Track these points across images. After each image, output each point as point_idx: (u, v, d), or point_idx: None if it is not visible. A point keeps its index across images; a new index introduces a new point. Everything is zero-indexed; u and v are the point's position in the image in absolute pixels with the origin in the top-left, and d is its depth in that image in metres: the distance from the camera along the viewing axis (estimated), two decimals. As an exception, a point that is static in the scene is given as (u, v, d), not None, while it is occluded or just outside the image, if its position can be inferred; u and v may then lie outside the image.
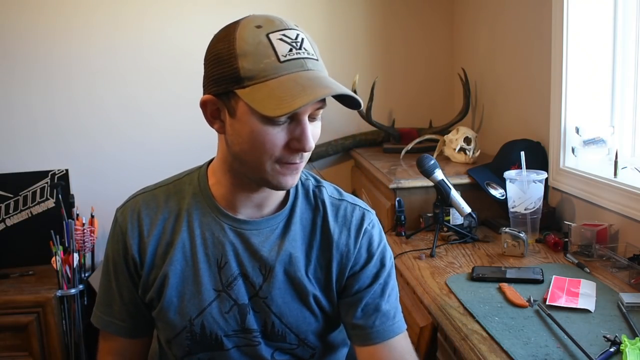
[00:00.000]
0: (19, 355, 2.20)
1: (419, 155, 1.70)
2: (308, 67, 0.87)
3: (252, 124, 0.87)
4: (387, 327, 1.01)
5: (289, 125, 0.88)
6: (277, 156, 0.89)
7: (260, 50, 0.85)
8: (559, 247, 1.57)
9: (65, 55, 2.50)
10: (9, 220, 2.42)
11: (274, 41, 0.86)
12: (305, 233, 1.02)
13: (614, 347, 1.00)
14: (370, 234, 1.04)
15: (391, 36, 2.70)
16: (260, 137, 0.88)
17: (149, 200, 1.03)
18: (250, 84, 0.85)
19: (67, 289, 2.21)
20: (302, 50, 0.87)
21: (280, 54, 0.85)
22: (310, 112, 0.89)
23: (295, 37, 0.88)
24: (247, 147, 0.90)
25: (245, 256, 0.99)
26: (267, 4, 2.57)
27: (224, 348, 1.01)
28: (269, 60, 0.85)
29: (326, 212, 1.03)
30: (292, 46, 0.87)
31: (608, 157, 1.71)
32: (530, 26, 2.00)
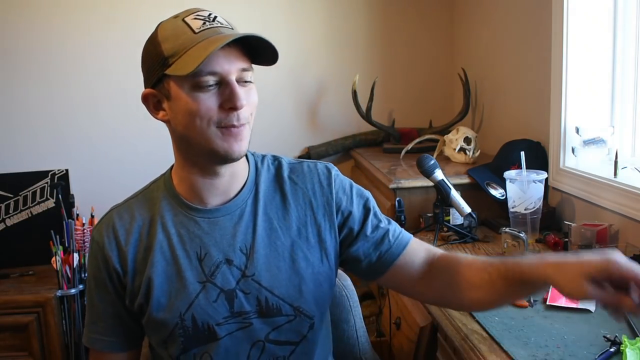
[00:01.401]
0: (19, 355, 2.20)
1: (419, 155, 1.70)
2: (222, 32, 0.95)
3: (184, 97, 0.94)
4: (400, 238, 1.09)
5: (218, 89, 0.94)
6: (215, 120, 0.94)
7: (178, 31, 0.96)
8: (559, 247, 1.56)
9: (65, 55, 2.50)
10: (9, 220, 2.42)
11: (189, 21, 0.97)
12: (276, 203, 1.07)
13: (614, 347, 1.00)
14: (340, 180, 1.11)
15: (391, 36, 2.70)
16: (194, 105, 0.94)
17: (122, 213, 1.07)
18: (174, 60, 0.94)
19: (67, 289, 2.21)
20: (216, 23, 0.97)
21: (195, 27, 0.95)
22: (237, 75, 0.95)
23: (207, 15, 0.98)
24: (186, 121, 0.96)
25: (224, 242, 1.02)
26: (267, 4, 2.57)
27: (217, 337, 1.01)
28: (186, 35, 0.94)
29: (290, 176, 1.09)
30: (205, 20, 0.97)
31: (608, 157, 1.71)
32: (530, 26, 2.00)
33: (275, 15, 2.59)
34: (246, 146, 0.99)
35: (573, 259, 0.86)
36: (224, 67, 0.94)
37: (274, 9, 2.59)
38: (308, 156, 2.62)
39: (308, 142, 2.68)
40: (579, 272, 0.83)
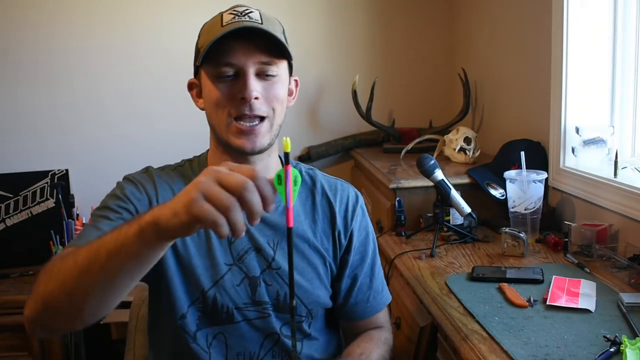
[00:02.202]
0: (19, 355, 2.20)
1: (419, 155, 1.70)
2: (243, 25, 0.97)
3: (208, 86, 1.01)
4: (378, 301, 1.16)
5: (235, 81, 0.99)
6: (229, 110, 0.99)
7: (211, 25, 1.02)
8: (559, 247, 1.56)
9: (65, 55, 2.50)
10: (9, 220, 2.42)
11: (223, 15, 1.01)
12: (307, 209, 1.11)
13: (614, 347, 1.00)
14: (362, 213, 1.16)
15: (391, 36, 2.70)
16: (214, 94, 1.00)
17: (160, 174, 1.09)
18: (203, 52, 0.98)
19: (67, 289, 2.21)
20: (245, 17, 0.99)
21: (224, 21, 0.99)
22: (253, 68, 0.98)
23: (243, 10, 1.01)
24: (210, 109, 1.03)
25: (255, 230, 1.05)
26: (267, 4, 2.57)
27: (234, 321, 1.03)
28: (215, 28, 0.99)
29: (324, 188, 1.13)
30: (236, 15, 1.00)
31: (608, 157, 1.71)
32: (530, 26, 2.00)
33: (275, 15, 2.58)
34: (263, 142, 1.02)
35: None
36: (240, 58, 0.98)
37: (274, 9, 2.58)
38: (308, 156, 2.62)
39: (308, 142, 2.68)
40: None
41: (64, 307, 0.80)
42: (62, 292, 0.78)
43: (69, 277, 0.78)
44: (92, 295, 0.78)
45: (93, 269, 0.76)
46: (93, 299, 0.79)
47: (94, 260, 0.76)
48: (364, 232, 1.16)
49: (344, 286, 1.14)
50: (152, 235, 0.72)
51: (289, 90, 1.09)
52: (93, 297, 0.79)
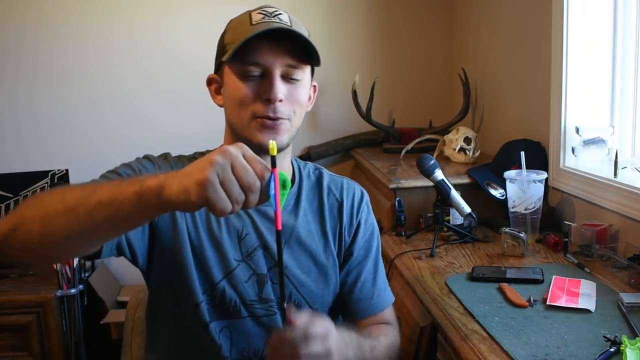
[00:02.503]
0: (19, 355, 2.20)
1: (419, 155, 1.70)
2: (273, 26, 0.97)
3: (232, 83, 1.00)
4: (382, 299, 1.14)
5: (261, 81, 0.99)
6: (252, 109, 0.99)
7: (240, 22, 1.01)
8: (559, 247, 1.56)
9: (65, 55, 2.50)
10: (9, 220, 2.42)
11: (252, 14, 1.01)
12: (314, 208, 1.12)
13: (614, 347, 1.00)
14: (367, 209, 1.17)
15: (391, 36, 2.70)
16: (237, 92, 0.99)
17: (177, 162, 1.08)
18: (229, 49, 0.98)
19: (67, 289, 2.21)
20: (275, 19, 0.99)
21: (254, 20, 0.99)
22: (280, 69, 0.98)
23: (272, 11, 1.01)
24: (231, 107, 1.02)
25: (265, 228, 1.06)
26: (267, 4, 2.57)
27: (240, 315, 1.04)
28: (244, 26, 0.99)
29: (330, 186, 1.15)
30: (266, 15, 1.00)
31: (608, 157, 1.71)
32: (530, 26, 2.00)
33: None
34: (283, 140, 1.02)
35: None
36: (268, 59, 0.98)
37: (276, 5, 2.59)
38: (308, 156, 2.62)
39: (308, 142, 2.68)
40: None
41: (33, 236, 0.78)
42: (39, 221, 0.78)
43: (51, 210, 0.77)
44: (66, 235, 0.78)
45: (78, 210, 0.76)
46: (65, 239, 0.78)
47: (83, 203, 0.76)
48: (369, 228, 1.16)
49: (348, 282, 1.14)
50: (151, 201, 0.72)
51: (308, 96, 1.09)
52: (66, 238, 0.78)
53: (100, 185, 0.78)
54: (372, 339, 1.05)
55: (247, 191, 0.71)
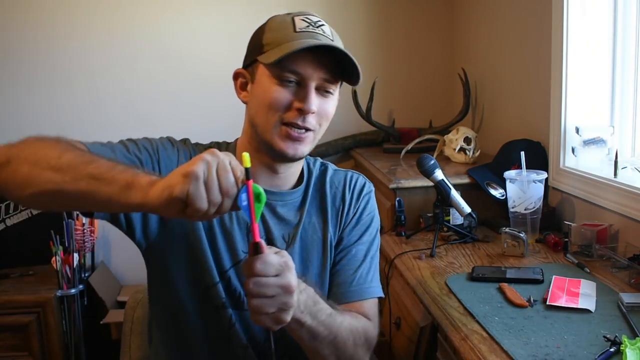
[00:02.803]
0: (19, 355, 2.20)
1: (419, 155, 1.70)
2: (318, 38, 0.99)
3: (264, 85, 1.00)
4: (362, 288, 1.11)
5: (296, 89, 0.99)
6: (282, 115, 0.99)
7: (282, 25, 1.01)
8: (559, 247, 1.56)
9: (65, 56, 2.50)
10: (9, 220, 2.42)
11: (296, 20, 1.02)
12: (317, 202, 1.13)
13: (614, 347, 1.00)
14: (368, 200, 1.17)
15: (391, 36, 2.70)
16: (270, 94, 0.99)
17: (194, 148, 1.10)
18: (268, 49, 0.99)
19: (67, 289, 2.21)
20: (319, 30, 1.01)
21: (297, 27, 1.00)
22: (316, 81, 0.99)
23: (316, 21, 1.03)
24: (259, 107, 1.01)
25: (272, 223, 1.08)
26: (268, 5, 2.57)
27: (243, 307, 1.05)
28: (287, 31, 1.00)
29: (333, 180, 1.16)
30: (309, 24, 1.01)
31: (608, 157, 1.71)
32: (530, 26, 2.00)
33: (276, 12, 2.59)
34: (305, 151, 1.03)
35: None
36: (307, 70, 0.98)
37: (273, 8, 2.59)
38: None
39: (308, 142, 2.68)
40: None
41: (18, 176, 0.82)
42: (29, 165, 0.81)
43: (44, 161, 0.80)
44: (47, 189, 0.80)
45: (67, 173, 0.78)
46: (44, 191, 0.80)
47: (74, 168, 0.78)
48: (367, 218, 1.16)
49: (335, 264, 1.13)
50: (136, 195, 0.75)
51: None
52: (45, 191, 0.80)
53: (98, 159, 0.81)
54: (338, 311, 1.01)
55: (224, 195, 0.73)
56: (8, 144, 0.87)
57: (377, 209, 1.20)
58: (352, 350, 1.02)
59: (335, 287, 1.11)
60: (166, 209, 0.74)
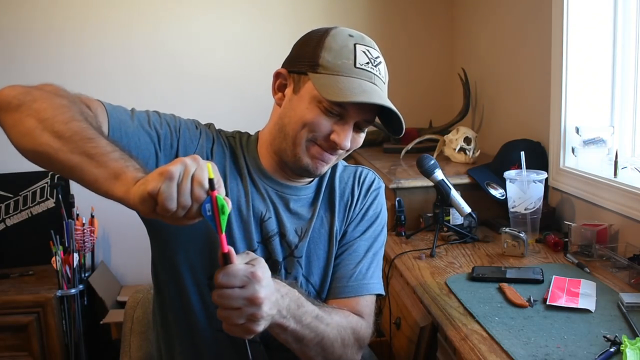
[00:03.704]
0: (19, 355, 2.21)
1: (419, 155, 1.70)
2: (375, 82, 1.00)
3: (307, 103, 1.00)
4: (360, 284, 1.10)
5: (337, 121, 1.00)
6: (315, 137, 1.00)
7: (344, 52, 1.00)
8: (559, 247, 1.56)
9: (65, 56, 2.50)
10: (9, 220, 2.42)
11: (358, 51, 1.01)
12: (325, 197, 1.14)
13: (614, 347, 1.00)
14: (376, 196, 1.17)
15: (391, 36, 2.70)
16: (311, 116, 0.99)
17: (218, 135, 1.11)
18: (323, 72, 0.99)
19: (67, 289, 2.21)
20: (376, 69, 1.02)
21: (358, 62, 1.00)
22: (358, 119, 1.00)
23: (375, 57, 1.04)
24: (295, 120, 1.01)
25: (285, 216, 1.08)
26: (268, 5, 2.57)
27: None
28: (347, 62, 0.99)
29: (342, 176, 1.16)
30: (370, 61, 1.02)
31: (608, 157, 1.71)
32: (530, 26, 2.00)
33: (275, 14, 2.59)
34: (324, 170, 1.05)
35: None
36: (353, 111, 0.99)
37: (274, 8, 2.59)
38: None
39: (308, 142, 2.68)
40: None
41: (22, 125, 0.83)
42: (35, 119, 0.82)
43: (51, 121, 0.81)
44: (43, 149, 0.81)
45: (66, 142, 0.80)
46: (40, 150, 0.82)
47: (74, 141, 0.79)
48: (374, 214, 1.16)
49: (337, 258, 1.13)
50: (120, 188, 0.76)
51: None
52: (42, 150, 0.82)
53: (100, 138, 0.81)
54: (325, 311, 1.00)
55: (194, 200, 0.74)
56: (26, 87, 0.87)
57: (385, 206, 1.20)
58: (341, 350, 1.02)
59: (334, 281, 1.11)
60: (141, 206, 0.74)
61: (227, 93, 2.60)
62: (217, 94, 2.61)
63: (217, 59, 2.59)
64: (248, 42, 2.60)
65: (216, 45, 2.59)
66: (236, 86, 2.59)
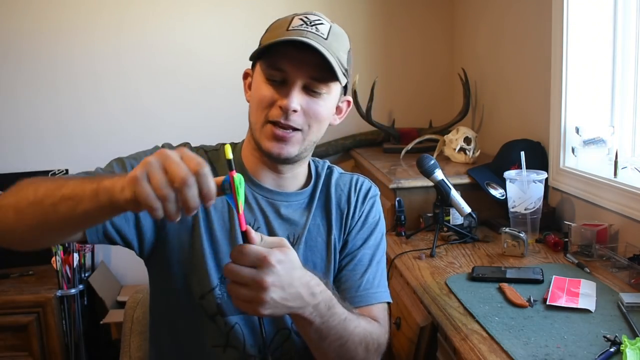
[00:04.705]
0: (19, 355, 2.20)
1: (419, 155, 1.70)
2: (306, 36, 0.97)
3: (257, 83, 1.01)
4: (370, 293, 1.09)
5: (281, 87, 0.99)
6: (267, 113, 0.99)
7: (279, 24, 1.02)
8: (559, 247, 1.56)
9: (68, 56, 2.50)
10: (9, 220, 2.42)
11: (294, 19, 1.01)
12: (321, 204, 1.13)
13: (614, 347, 1.00)
14: (373, 204, 1.17)
15: (391, 36, 2.70)
16: (258, 93, 1.00)
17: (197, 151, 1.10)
18: (258, 50, 1.00)
19: (67, 289, 2.21)
20: (312, 28, 0.99)
21: (292, 26, 0.99)
22: (303, 80, 0.98)
23: (313, 20, 1.01)
24: (252, 106, 1.03)
25: (276, 224, 1.07)
26: (267, 4, 2.57)
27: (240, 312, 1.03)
28: (280, 30, 1.00)
29: (338, 183, 1.15)
30: (304, 23, 1.00)
31: (608, 157, 1.71)
32: (530, 26, 2.00)
33: (275, 14, 2.59)
34: (292, 152, 1.02)
35: None
36: (291, 69, 0.98)
37: (273, 9, 2.59)
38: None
39: (308, 142, 2.68)
40: None
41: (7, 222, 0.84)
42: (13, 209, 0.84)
43: (24, 200, 0.83)
44: (33, 225, 0.82)
45: (45, 202, 0.80)
46: (32, 229, 0.83)
47: (50, 195, 0.80)
48: (372, 222, 1.15)
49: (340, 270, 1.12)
50: (104, 200, 0.76)
51: (338, 109, 1.10)
52: (33, 227, 0.83)
53: (69, 180, 0.82)
54: (354, 315, 0.99)
55: (180, 186, 0.70)
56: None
57: (382, 213, 1.19)
58: (364, 354, 1.01)
59: (342, 293, 1.09)
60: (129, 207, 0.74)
61: (229, 94, 2.60)
62: (220, 94, 2.61)
63: (220, 60, 2.59)
64: (244, 41, 2.58)
65: (219, 46, 2.59)
66: (235, 86, 2.58)
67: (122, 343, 1.34)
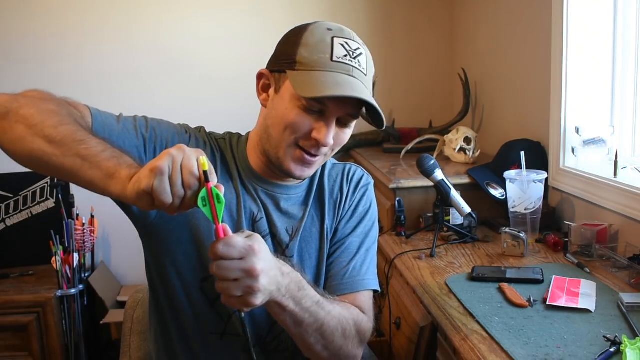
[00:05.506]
0: (19, 355, 2.21)
1: (419, 155, 1.70)
2: (353, 74, 0.97)
3: (287, 103, 0.98)
4: (355, 280, 1.10)
5: (318, 118, 0.97)
6: (297, 138, 0.98)
7: (320, 46, 0.97)
8: (559, 247, 1.56)
9: (65, 56, 2.50)
10: (9, 220, 2.42)
11: (335, 44, 0.97)
12: (316, 196, 1.14)
13: (614, 347, 1.00)
14: (365, 192, 1.17)
15: (391, 36, 2.70)
16: (290, 116, 0.97)
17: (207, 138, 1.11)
18: (300, 69, 0.96)
19: (67, 289, 2.21)
20: (355, 61, 0.98)
21: (335, 55, 0.96)
22: (340, 115, 0.98)
23: (355, 49, 0.99)
24: (277, 122, 0.99)
25: (276, 216, 1.08)
26: (268, 5, 2.57)
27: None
28: (324, 56, 0.96)
29: (331, 173, 1.16)
30: (348, 54, 0.98)
31: (608, 157, 1.71)
32: (530, 26, 2.00)
33: (275, 14, 2.59)
34: (310, 173, 1.04)
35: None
36: (334, 107, 0.97)
37: (274, 7, 2.59)
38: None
39: (308, 142, 2.68)
40: None
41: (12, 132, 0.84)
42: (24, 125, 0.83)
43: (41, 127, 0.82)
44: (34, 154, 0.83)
45: (58, 146, 0.81)
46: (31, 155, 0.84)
47: (66, 145, 0.81)
48: (363, 210, 1.15)
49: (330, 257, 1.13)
50: (115, 187, 0.78)
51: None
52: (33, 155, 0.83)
53: (91, 139, 0.82)
54: (327, 299, 0.99)
55: (186, 188, 0.76)
56: (11, 95, 0.88)
57: (375, 201, 1.19)
58: (341, 341, 1.01)
59: (329, 279, 1.10)
60: (139, 203, 0.76)
61: (229, 95, 2.60)
62: (220, 95, 2.61)
63: (221, 61, 2.59)
64: (247, 40, 2.60)
65: (220, 46, 2.59)
66: (235, 85, 2.58)
67: (122, 343, 1.34)
